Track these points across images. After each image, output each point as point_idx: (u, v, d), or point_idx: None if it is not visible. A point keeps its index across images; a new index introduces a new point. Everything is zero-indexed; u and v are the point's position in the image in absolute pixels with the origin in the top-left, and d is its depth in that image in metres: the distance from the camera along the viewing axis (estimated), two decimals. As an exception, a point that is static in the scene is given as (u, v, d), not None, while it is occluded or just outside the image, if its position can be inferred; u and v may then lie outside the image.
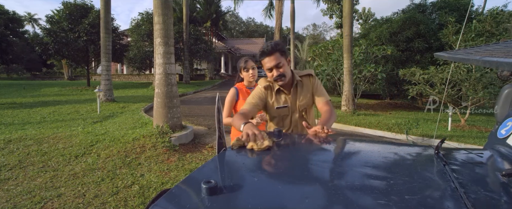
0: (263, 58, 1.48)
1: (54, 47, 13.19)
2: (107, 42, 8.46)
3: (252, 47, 30.41)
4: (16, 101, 9.48)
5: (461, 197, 0.64)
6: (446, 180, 0.74)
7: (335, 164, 0.91)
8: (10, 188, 2.79)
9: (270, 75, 1.49)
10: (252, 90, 2.23)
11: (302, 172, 0.86)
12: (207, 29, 24.64)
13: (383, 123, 6.59)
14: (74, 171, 3.15)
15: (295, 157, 1.02)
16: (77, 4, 14.05)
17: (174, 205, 0.67)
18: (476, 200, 0.63)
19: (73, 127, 5.14)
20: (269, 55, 1.45)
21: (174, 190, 0.74)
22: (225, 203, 0.66)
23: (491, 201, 0.65)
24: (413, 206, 0.61)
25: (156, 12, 4.36)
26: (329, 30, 46.19)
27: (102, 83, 8.79)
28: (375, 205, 0.63)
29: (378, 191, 0.70)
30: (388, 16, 14.34)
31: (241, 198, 0.70)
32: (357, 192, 0.69)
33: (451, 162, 0.87)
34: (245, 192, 0.74)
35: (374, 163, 0.91)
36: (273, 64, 1.44)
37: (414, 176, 0.78)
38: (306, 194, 0.69)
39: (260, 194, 0.73)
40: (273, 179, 0.81)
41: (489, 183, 0.77)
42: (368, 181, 0.76)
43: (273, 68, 1.46)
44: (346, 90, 8.49)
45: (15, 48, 20.17)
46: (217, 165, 0.92)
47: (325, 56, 12.67)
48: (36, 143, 4.01)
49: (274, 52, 1.45)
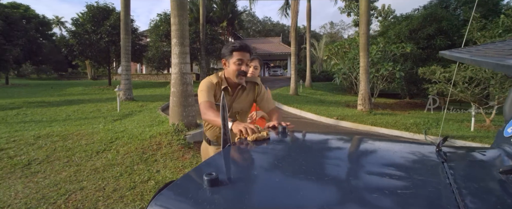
0: (244, 51, 1.55)
1: (79, 48, 13.86)
2: (127, 43, 8.78)
3: (268, 46, 30.32)
4: (45, 100, 10.07)
5: (453, 192, 0.65)
6: (441, 176, 0.75)
7: (333, 160, 0.94)
8: (39, 180, 3.00)
9: (237, 68, 1.54)
10: None
11: (301, 167, 0.89)
12: (223, 29, 24.89)
13: (400, 123, 6.41)
14: (95, 166, 3.34)
15: (295, 152, 1.05)
16: (100, 6, 14.66)
17: (177, 195, 0.73)
18: (468, 196, 0.64)
19: (95, 125, 5.40)
20: (248, 51, 1.57)
21: (178, 181, 0.80)
22: (225, 194, 0.71)
23: (484, 197, 0.66)
24: (404, 200, 0.63)
25: (172, 13, 4.50)
26: (347, 28, 45.25)
27: (122, 82, 9.15)
28: (365, 198, 0.65)
29: (371, 184, 0.72)
30: (408, 13, 13.87)
31: (240, 190, 0.75)
32: (350, 185, 0.72)
33: (451, 159, 0.87)
34: (244, 184, 0.79)
35: (372, 158, 0.92)
36: (248, 59, 1.56)
37: (410, 172, 0.80)
38: (302, 187, 0.73)
39: (258, 186, 0.77)
40: (272, 173, 0.85)
41: (485, 180, 0.77)
42: (362, 175, 0.78)
43: (244, 64, 1.55)
44: (362, 89, 8.33)
45: (44, 50, 21.37)
46: (221, 159, 0.97)
47: (341, 55, 12.47)
48: (62, 139, 4.27)
49: (250, 52, 1.59)
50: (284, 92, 13.76)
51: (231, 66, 1.55)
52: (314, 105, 9.91)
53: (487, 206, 0.62)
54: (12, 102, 9.27)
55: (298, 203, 0.65)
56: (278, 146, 1.13)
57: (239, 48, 1.53)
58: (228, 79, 1.61)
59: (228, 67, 1.58)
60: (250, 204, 0.67)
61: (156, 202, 0.72)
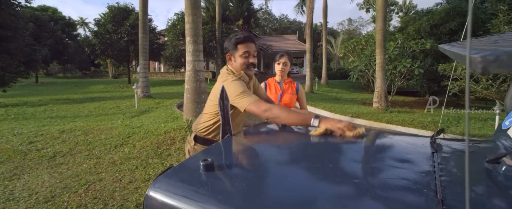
0: (248, 42, 1.45)
1: (100, 48, 14.48)
2: (145, 41, 9.08)
3: (284, 44, 30.09)
4: (70, 97, 10.63)
5: (435, 179, 0.67)
6: (427, 165, 0.77)
7: (325, 149, 0.97)
8: (63, 171, 3.21)
9: (245, 61, 1.45)
10: (281, 84, 2.27)
11: (291, 155, 0.94)
12: (239, 27, 25.02)
13: (417, 121, 6.22)
14: (113, 159, 3.52)
15: (289, 143, 1.09)
16: (120, 7, 15.21)
17: (175, 178, 0.80)
18: (448, 183, 0.65)
19: (114, 120, 5.66)
20: (253, 41, 1.47)
21: (178, 166, 0.87)
22: (218, 178, 0.77)
23: (463, 184, 0.67)
24: (387, 185, 0.66)
25: (186, 12, 4.62)
26: (366, 24, 44.00)
27: (140, 80, 9.47)
28: (348, 182, 0.69)
29: (357, 172, 0.76)
30: (430, 8, 13.31)
31: (233, 174, 0.81)
32: (339, 171, 0.75)
33: (442, 150, 0.89)
34: (238, 170, 0.84)
35: (363, 149, 0.95)
36: (254, 50, 1.47)
37: (399, 161, 0.82)
38: (291, 173, 0.78)
39: (250, 172, 0.83)
40: (265, 162, 0.90)
41: (481, 175, 0.78)
42: (350, 162, 0.81)
43: (251, 55, 1.46)
44: (379, 86, 8.13)
45: (69, 50, 22.48)
46: (219, 148, 1.03)
47: (358, 52, 12.21)
48: (83, 134, 4.52)
49: (254, 41, 1.48)
50: (299, 90, 13.67)
51: (238, 60, 1.45)
52: (329, 102, 9.79)
53: (463, 193, 0.64)
54: (41, 99, 9.87)
55: (286, 188, 0.70)
56: (275, 136, 1.17)
57: (243, 40, 1.44)
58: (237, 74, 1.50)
59: (234, 61, 1.48)
60: (241, 187, 0.73)
61: (155, 184, 0.79)
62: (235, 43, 1.45)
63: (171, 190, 0.75)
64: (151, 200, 0.74)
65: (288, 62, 2.22)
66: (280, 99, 2.20)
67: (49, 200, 2.51)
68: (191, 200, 0.68)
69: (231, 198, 0.67)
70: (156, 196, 0.74)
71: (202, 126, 1.54)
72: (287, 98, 2.21)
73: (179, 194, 0.73)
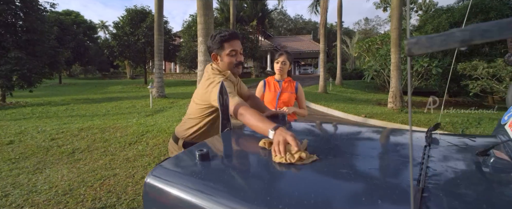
0: (234, 39, 1.38)
1: (118, 50, 15.00)
2: (160, 43, 9.33)
3: (298, 44, 29.90)
4: (89, 97, 11.10)
5: (421, 169, 0.68)
6: (417, 157, 0.77)
7: (319, 143, 0.99)
8: (80, 166, 3.38)
9: (232, 60, 1.38)
10: (281, 83, 2.28)
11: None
12: (253, 27, 25.13)
13: (434, 121, 6.02)
14: (127, 156, 3.66)
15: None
16: (137, 9, 15.71)
17: (172, 167, 0.85)
18: (433, 173, 0.67)
19: (129, 119, 5.87)
20: (239, 38, 1.40)
21: (177, 155, 0.93)
22: (212, 166, 0.81)
23: (447, 175, 0.68)
24: (370, 176, 0.68)
25: (198, 13, 4.73)
26: (383, 24, 42.94)
27: (155, 80, 9.74)
28: (334, 173, 0.71)
29: (352, 163, 0.78)
30: (450, 5, 12.82)
31: (227, 164, 0.85)
32: (324, 164, 0.77)
33: (436, 143, 0.89)
34: (231, 160, 0.89)
35: (360, 143, 0.96)
36: (240, 47, 1.41)
37: (390, 154, 0.83)
38: (279, 167, 0.80)
39: (244, 162, 0.86)
40: (259, 154, 0.93)
41: (458, 160, 0.78)
42: (344, 154, 0.83)
43: (238, 53, 1.40)
44: (393, 86, 7.94)
45: (90, 52, 23.43)
46: (218, 141, 1.08)
47: (373, 52, 11.96)
48: (100, 131, 4.72)
49: (239, 38, 1.41)
50: (313, 90, 13.56)
51: (226, 59, 1.38)
52: (342, 103, 9.65)
53: (446, 182, 0.65)
54: (63, 99, 10.36)
55: (273, 177, 0.73)
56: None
57: (228, 38, 1.36)
58: (224, 73, 1.43)
59: (221, 61, 1.40)
60: (233, 175, 0.77)
61: (153, 172, 0.84)
62: (220, 42, 1.36)
63: (168, 178, 0.80)
64: (150, 186, 0.80)
65: (287, 60, 2.21)
66: (279, 97, 2.20)
67: (67, 193, 2.65)
68: (187, 187, 0.73)
69: (224, 185, 0.71)
70: (154, 183, 0.80)
71: (191, 132, 1.45)
72: (286, 96, 2.20)
73: (175, 181, 0.78)
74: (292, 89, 2.26)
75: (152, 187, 0.80)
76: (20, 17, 9.80)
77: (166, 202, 0.75)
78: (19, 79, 9.26)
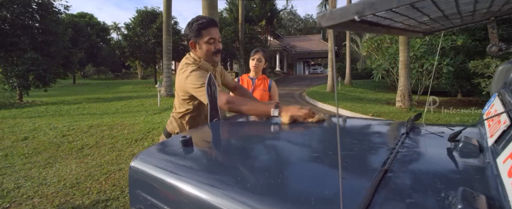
0: (212, 26, 1.36)
1: (129, 50, 15.34)
2: (168, 43, 9.51)
3: (307, 44, 29.71)
4: (101, 96, 11.41)
5: (390, 153, 0.71)
6: (391, 143, 0.80)
7: (300, 131, 1.02)
8: (88, 161, 3.50)
9: (211, 47, 1.37)
10: (254, 80, 2.24)
11: (265, 137, 1.00)
12: (262, 27, 25.16)
13: (443, 120, 5.89)
14: (133, 152, 3.76)
15: (266, 128, 1.15)
16: (148, 10, 16.03)
17: (157, 151, 0.90)
18: (401, 158, 0.69)
19: (137, 117, 6.01)
20: (216, 26, 1.38)
21: (161, 142, 0.98)
22: (193, 151, 0.86)
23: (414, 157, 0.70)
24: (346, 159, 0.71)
25: (203, 12, 4.81)
26: (396, 22, 41.96)
27: (163, 80, 9.93)
28: (310, 158, 0.74)
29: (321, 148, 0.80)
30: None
31: (206, 149, 0.89)
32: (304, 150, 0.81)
33: (414, 132, 0.90)
34: (212, 146, 0.93)
35: (342, 133, 0.98)
36: (219, 35, 1.39)
37: (366, 142, 0.86)
38: (262, 153, 0.84)
39: (222, 148, 0.91)
40: (242, 142, 0.97)
41: (429, 146, 0.80)
42: (318, 142, 0.85)
43: (216, 40, 1.38)
44: (402, 85, 7.80)
45: (102, 53, 24.08)
46: (205, 129, 1.12)
47: (383, 51, 11.78)
48: (109, 128, 4.86)
49: (218, 25, 1.40)
50: (321, 90, 13.49)
51: (204, 47, 1.36)
52: (350, 102, 9.56)
53: (411, 164, 0.67)
54: (76, 98, 10.69)
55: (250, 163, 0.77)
56: (259, 122, 1.24)
57: (206, 25, 1.34)
58: (197, 62, 1.40)
59: (199, 49, 1.38)
60: (212, 158, 0.82)
61: (138, 157, 0.89)
62: (198, 29, 1.34)
63: (151, 161, 0.85)
64: (134, 170, 0.85)
65: (262, 58, 2.19)
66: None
67: (74, 186, 2.76)
68: (168, 170, 0.78)
69: (203, 167, 0.76)
70: (138, 166, 0.85)
71: (180, 125, 1.44)
72: (258, 94, 2.17)
73: (157, 164, 0.83)
74: (265, 87, 2.24)
75: (136, 170, 0.85)
76: (36, 19, 10.20)
77: (149, 184, 0.80)
78: (35, 79, 9.64)
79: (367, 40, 15.77)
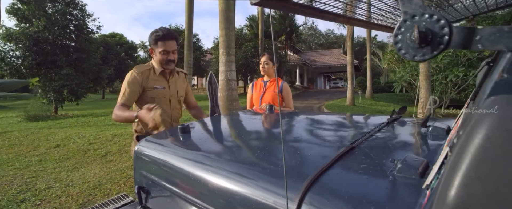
0: (167, 40, 1.50)
1: (154, 66, 16.17)
2: (189, 58, 9.95)
3: (328, 59, 29.55)
4: (127, 109, 12.03)
5: (364, 136, 0.77)
6: (369, 130, 0.86)
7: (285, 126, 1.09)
8: (111, 166, 3.73)
9: (163, 58, 1.52)
10: (266, 83, 2.26)
11: (254, 130, 1.09)
12: (282, 42, 25.48)
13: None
14: (152, 158, 3.95)
15: (256, 123, 1.24)
16: (171, 29, 16.95)
17: (158, 138, 1.02)
18: (370, 139, 0.75)
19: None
20: (172, 39, 1.53)
21: (162, 131, 1.10)
22: (190, 137, 0.97)
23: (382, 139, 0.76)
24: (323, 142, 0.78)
25: (220, 27, 5.07)
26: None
27: (185, 93, 10.30)
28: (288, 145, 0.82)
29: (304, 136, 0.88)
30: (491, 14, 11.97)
31: (202, 136, 1.00)
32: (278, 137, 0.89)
33: (394, 122, 0.95)
34: (206, 134, 1.03)
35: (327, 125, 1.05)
36: (173, 48, 1.53)
37: (352, 129, 0.92)
38: (246, 139, 0.94)
39: (216, 135, 1.01)
40: (229, 131, 1.07)
41: (402, 132, 0.84)
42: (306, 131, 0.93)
43: (170, 52, 1.53)
44: (423, 96, 7.54)
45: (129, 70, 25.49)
46: (204, 122, 1.23)
47: (404, 63, 11.50)
48: (130, 137, 5.13)
49: (175, 38, 1.55)
50: (340, 103, 13.29)
51: (158, 56, 1.53)
52: (370, 115, 9.33)
53: (377, 144, 0.73)
54: (104, 111, 11.36)
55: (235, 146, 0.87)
56: (253, 118, 1.33)
57: (162, 38, 1.49)
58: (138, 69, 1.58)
59: (155, 56, 1.56)
60: (205, 145, 0.92)
61: (141, 143, 1.02)
62: (155, 39, 1.51)
63: (153, 146, 0.97)
64: (138, 153, 0.97)
65: (269, 60, 2.21)
66: (262, 97, 2.21)
67: (96, 187, 2.96)
68: (167, 152, 0.89)
69: (197, 149, 0.87)
70: (141, 150, 0.97)
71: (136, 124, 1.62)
72: (269, 96, 2.17)
73: (158, 148, 0.95)
74: (276, 89, 2.23)
75: (139, 153, 0.97)
76: (72, 38, 11.17)
77: (151, 165, 0.92)
78: (69, 93, 10.42)
79: (388, 52, 15.48)
